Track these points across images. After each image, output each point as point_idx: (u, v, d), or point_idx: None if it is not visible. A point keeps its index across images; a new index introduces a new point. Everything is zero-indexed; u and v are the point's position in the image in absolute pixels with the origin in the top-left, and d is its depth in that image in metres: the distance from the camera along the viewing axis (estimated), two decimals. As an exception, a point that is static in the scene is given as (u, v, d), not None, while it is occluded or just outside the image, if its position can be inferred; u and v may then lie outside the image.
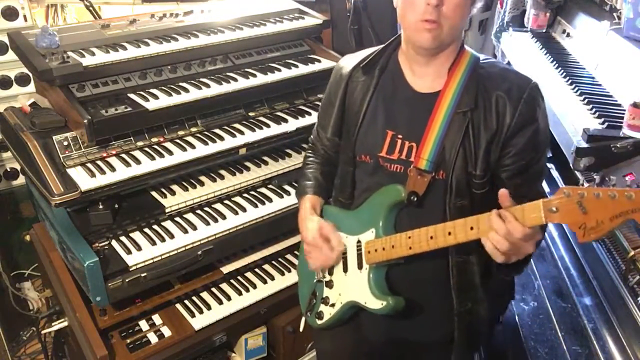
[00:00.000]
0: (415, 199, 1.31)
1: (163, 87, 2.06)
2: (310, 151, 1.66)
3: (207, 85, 2.10)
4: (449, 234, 1.21)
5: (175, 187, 2.13)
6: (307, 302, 1.57)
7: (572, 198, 1.02)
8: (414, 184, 1.31)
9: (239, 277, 2.22)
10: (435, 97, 1.31)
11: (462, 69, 1.31)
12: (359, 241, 1.42)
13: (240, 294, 2.15)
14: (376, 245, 1.36)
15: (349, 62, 1.47)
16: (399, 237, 1.31)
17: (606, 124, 1.50)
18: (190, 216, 2.07)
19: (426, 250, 1.27)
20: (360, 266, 1.42)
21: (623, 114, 1.44)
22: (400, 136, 1.35)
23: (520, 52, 2.18)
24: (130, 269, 1.85)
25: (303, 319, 1.64)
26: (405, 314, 1.37)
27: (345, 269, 1.46)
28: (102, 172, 1.86)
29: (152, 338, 1.99)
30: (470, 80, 1.30)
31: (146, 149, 2.00)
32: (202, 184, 2.14)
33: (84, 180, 1.80)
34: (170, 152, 1.99)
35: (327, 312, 1.51)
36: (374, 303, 1.37)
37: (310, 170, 1.62)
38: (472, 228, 1.17)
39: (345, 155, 1.46)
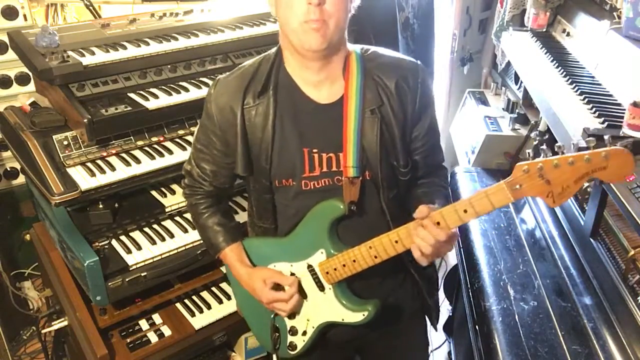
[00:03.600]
0: (355, 207, 1.30)
1: (163, 87, 2.06)
2: (194, 197, 1.51)
3: (207, 85, 2.09)
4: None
5: (175, 187, 2.13)
6: (271, 339, 1.48)
7: (532, 173, 1.09)
8: (349, 194, 1.30)
9: (239, 277, 2.22)
10: (340, 105, 1.30)
11: (355, 68, 1.30)
12: (309, 265, 1.38)
13: (240, 293, 2.15)
14: (333, 265, 1.33)
15: (229, 90, 1.34)
16: (359, 250, 1.29)
17: (606, 123, 1.50)
18: (190, 216, 2.06)
19: (393, 255, 1.26)
20: (321, 288, 1.39)
21: (623, 113, 1.44)
22: (315, 150, 1.31)
23: (520, 52, 2.18)
24: (130, 269, 1.85)
25: (274, 357, 1.52)
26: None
27: (304, 296, 1.42)
28: (102, 171, 1.86)
29: (152, 337, 1.99)
30: (366, 77, 1.30)
31: (146, 148, 2.00)
32: (202, 183, 2.14)
33: (84, 180, 1.81)
34: (170, 152, 1.99)
35: (300, 341, 1.47)
36: (354, 317, 1.36)
37: (210, 220, 1.49)
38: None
39: (259, 185, 1.37)
